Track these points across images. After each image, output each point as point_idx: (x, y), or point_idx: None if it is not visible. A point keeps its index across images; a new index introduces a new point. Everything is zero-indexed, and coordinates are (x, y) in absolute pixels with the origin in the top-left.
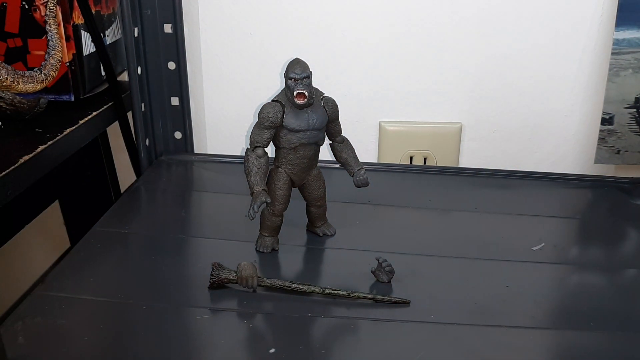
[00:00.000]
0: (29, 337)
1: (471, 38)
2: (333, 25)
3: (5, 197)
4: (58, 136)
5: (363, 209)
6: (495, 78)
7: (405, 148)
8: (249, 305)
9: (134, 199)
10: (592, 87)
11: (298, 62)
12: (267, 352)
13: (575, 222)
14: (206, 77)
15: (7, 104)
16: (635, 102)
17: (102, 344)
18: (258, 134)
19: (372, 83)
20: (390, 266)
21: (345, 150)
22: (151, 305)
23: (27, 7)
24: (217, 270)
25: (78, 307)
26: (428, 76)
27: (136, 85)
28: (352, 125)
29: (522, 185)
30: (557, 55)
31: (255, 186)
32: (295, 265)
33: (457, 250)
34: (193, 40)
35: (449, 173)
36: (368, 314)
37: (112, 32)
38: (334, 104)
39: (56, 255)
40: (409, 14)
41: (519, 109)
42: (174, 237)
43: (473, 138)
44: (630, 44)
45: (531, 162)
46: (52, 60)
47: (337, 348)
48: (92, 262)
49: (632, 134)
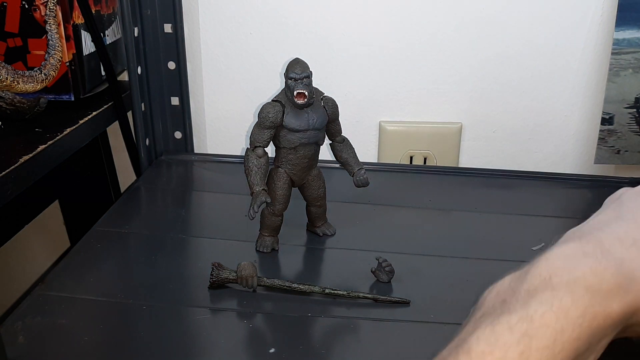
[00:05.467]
0: (29, 337)
1: (471, 38)
2: (333, 25)
3: (5, 197)
4: (58, 136)
5: (363, 209)
6: (495, 78)
7: (405, 148)
8: (249, 305)
9: (134, 199)
10: (592, 87)
11: (298, 61)
12: (267, 352)
13: (575, 222)
14: (206, 77)
15: (7, 104)
16: (635, 102)
17: (102, 344)
18: (258, 134)
19: (372, 83)
20: (390, 266)
21: (345, 150)
22: (151, 305)
23: (27, 7)
24: (217, 270)
25: (78, 307)
26: (428, 76)
27: (136, 85)
28: (352, 125)
29: (522, 185)
30: (557, 55)
31: (255, 186)
32: (295, 265)
33: (457, 250)
34: (193, 40)
35: (449, 173)
36: (368, 314)
37: (112, 32)
38: (334, 104)
39: (56, 255)
40: (409, 14)
41: (519, 109)
42: (174, 237)
43: (473, 138)
44: (630, 44)
45: (531, 162)
46: (52, 60)
47: (337, 348)
48: (92, 262)
49: (632, 134)
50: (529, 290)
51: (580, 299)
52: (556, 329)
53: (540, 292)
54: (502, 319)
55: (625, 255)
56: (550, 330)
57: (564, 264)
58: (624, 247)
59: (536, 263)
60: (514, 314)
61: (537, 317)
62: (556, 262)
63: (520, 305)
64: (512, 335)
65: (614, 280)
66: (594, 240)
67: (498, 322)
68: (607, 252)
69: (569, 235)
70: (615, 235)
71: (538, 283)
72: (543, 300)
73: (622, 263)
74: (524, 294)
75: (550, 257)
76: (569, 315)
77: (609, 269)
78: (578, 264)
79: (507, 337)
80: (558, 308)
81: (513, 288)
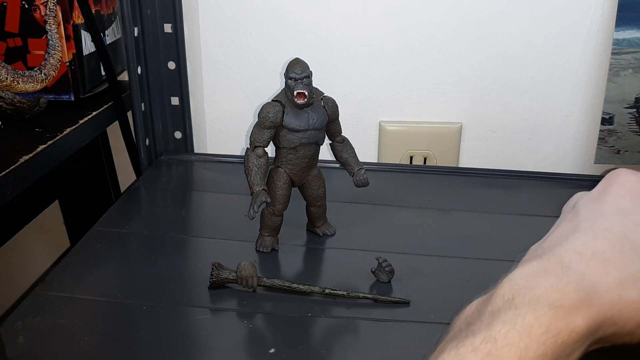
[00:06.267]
0: (29, 337)
1: (471, 38)
2: (333, 25)
3: (5, 197)
4: (58, 136)
5: (363, 209)
6: (495, 78)
7: (405, 148)
8: (249, 305)
9: (134, 199)
10: (592, 87)
11: (298, 61)
12: (267, 352)
13: None
14: (206, 77)
15: (7, 104)
16: (635, 102)
17: (102, 344)
18: (258, 134)
19: (372, 83)
20: (390, 266)
21: (345, 150)
22: (151, 305)
23: (27, 7)
24: (217, 270)
25: (78, 307)
26: (428, 76)
27: (136, 85)
28: (352, 125)
29: (522, 185)
30: (557, 55)
31: (255, 186)
32: (295, 265)
33: (457, 250)
34: (193, 40)
35: (449, 173)
36: (368, 314)
37: (112, 32)
38: (334, 104)
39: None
40: (409, 14)
41: (519, 109)
42: (174, 237)
43: (473, 138)
44: (630, 44)
45: (531, 162)
46: (52, 60)
47: (337, 348)
48: (92, 262)
49: (632, 134)
50: (493, 311)
51: (542, 316)
52: (520, 347)
53: (503, 312)
54: (466, 342)
55: (585, 269)
56: (514, 349)
57: (525, 283)
58: (583, 260)
59: (500, 285)
60: (478, 336)
61: (500, 337)
62: (518, 282)
63: (484, 326)
64: (476, 356)
65: (575, 295)
66: (553, 257)
67: (462, 344)
68: (567, 268)
69: (530, 254)
70: (574, 250)
71: (501, 304)
72: (506, 320)
73: (582, 278)
74: (487, 316)
75: (512, 277)
76: (532, 333)
77: (570, 284)
78: (540, 282)
79: (471, 359)
80: (521, 326)
81: (479, 311)
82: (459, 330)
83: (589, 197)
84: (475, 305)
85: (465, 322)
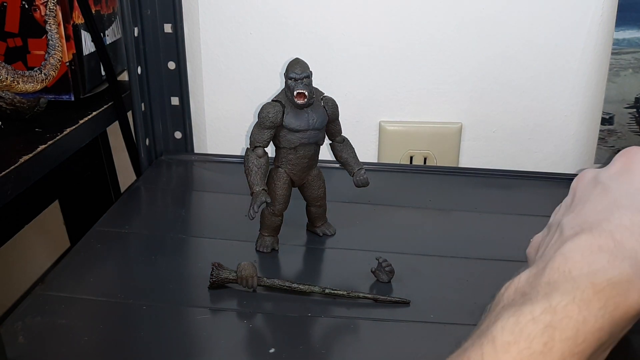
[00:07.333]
0: (29, 337)
1: (471, 38)
2: (333, 25)
3: (5, 197)
4: (58, 136)
5: (363, 209)
6: (495, 78)
7: (405, 148)
8: (249, 305)
9: (134, 199)
10: (592, 87)
11: (298, 61)
12: (267, 352)
13: None
14: (206, 77)
15: (7, 104)
16: (635, 102)
17: (102, 344)
18: (258, 134)
19: (372, 83)
20: (390, 266)
21: (345, 150)
22: (151, 305)
23: (27, 7)
24: (217, 270)
25: (78, 307)
26: (428, 76)
27: (136, 85)
28: (352, 125)
29: (522, 185)
30: (557, 55)
31: (255, 186)
32: (295, 265)
33: (457, 250)
34: (193, 40)
35: (449, 173)
36: (368, 314)
37: (112, 32)
38: (334, 104)
39: (56, 255)
40: (409, 14)
41: (519, 109)
42: (174, 237)
43: (473, 138)
44: (630, 44)
45: (531, 162)
46: (52, 60)
47: (337, 348)
48: (92, 262)
49: (632, 134)
50: (549, 282)
51: (601, 290)
52: (578, 320)
53: (561, 284)
54: (524, 310)
55: (636, 245)
56: (572, 322)
57: (581, 258)
58: (634, 237)
59: (552, 259)
60: (537, 305)
61: (559, 309)
62: (574, 256)
63: (542, 297)
64: (536, 326)
65: (632, 271)
66: (605, 233)
67: (521, 312)
68: (620, 244)
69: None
70: (623, 226)
71: (558, 276)
72: (565, 292)
73: (636, 254)
74: (544, 287)
75: (566, 251)
76: (591, 307)
77: (626, 260)
78: (595, 258)
79: (531, 328)
80: (580, 300)
81: (531, 283)
82: (513, 300)
83: (610, 172)
84: (525, 277)
85: (518, 292)
